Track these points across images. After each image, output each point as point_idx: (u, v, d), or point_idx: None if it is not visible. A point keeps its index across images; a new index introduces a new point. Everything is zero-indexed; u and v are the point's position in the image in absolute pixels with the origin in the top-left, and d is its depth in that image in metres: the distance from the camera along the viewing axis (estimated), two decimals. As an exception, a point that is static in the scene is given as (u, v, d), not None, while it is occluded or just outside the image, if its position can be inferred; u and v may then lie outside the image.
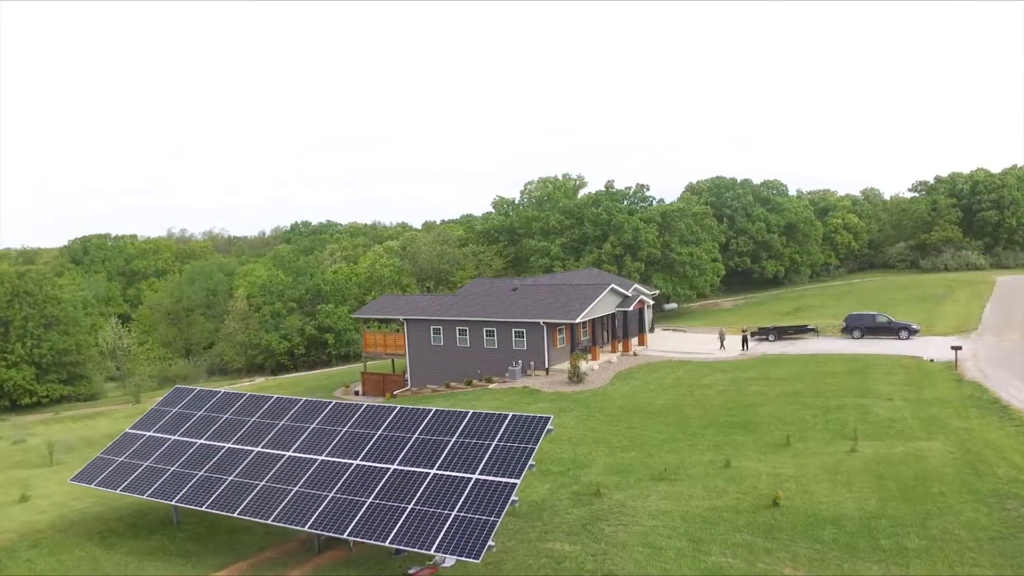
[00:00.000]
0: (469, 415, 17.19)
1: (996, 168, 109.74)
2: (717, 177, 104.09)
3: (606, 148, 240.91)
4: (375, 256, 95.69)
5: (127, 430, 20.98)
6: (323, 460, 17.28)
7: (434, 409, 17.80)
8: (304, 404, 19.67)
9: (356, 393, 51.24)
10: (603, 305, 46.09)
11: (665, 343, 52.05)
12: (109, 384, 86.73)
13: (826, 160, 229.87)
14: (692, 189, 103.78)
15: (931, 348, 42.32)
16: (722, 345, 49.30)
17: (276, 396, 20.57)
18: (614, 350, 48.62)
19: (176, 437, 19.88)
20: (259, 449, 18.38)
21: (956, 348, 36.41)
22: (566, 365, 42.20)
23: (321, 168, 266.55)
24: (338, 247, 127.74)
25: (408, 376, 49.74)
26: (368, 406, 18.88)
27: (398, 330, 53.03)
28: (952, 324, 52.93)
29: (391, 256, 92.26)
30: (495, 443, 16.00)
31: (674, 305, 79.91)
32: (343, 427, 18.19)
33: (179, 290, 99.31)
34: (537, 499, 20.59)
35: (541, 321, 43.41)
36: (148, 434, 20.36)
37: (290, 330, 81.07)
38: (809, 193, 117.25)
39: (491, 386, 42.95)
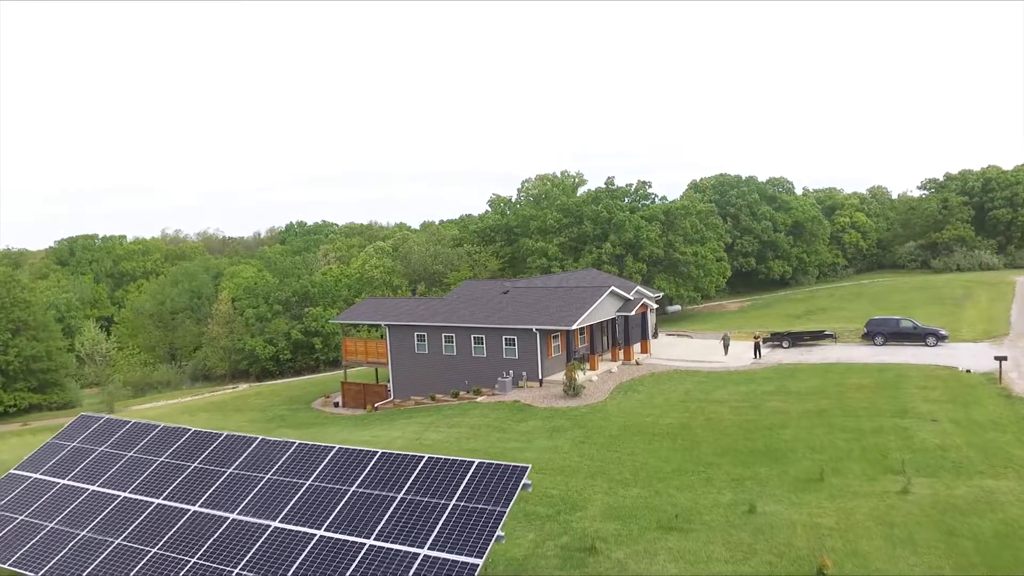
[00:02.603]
0: (423, 461, 13.22)
1: (1008, 165, 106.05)
2: (721, 174, 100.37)
3: (607, 148, 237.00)
4: (366, 257, 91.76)
5: (11, 470, 17.07)
6: (234, 520, 13.32)
7: (380, 452, 13.85)
8: (224, 441, 15.71)
9: (336, 405, 47.38)
10: (602, 309, 42.10)
11: (670, 350, 48.02)
12: (91, 390, 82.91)
13: (831, 158, 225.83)
14: (695, 187, 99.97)
15: (964, 356, 38.34)
16: (726, 351, 45.41)
17: (193, 430, 16.60)
18: (614, 358, 44.60)
19: (65, 482, 15.94)
20: (160, 501, 14.42)
21: (1001, 359, 32.35)
22: (561, 376, 38.23)
23: (320, 168, 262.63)
24: (332, 247, 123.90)
25: (391, 387, 45.79)
26: (301, 445, 14.92)
27: (383, 336, 49.08)
28: (979, 329, 48.99)
29: (382, 257, 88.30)
30: (453, 503, 12.04)
31: (677, 307, 75.99)
32: (266, 473, 14.24)
33: (162, 292, 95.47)
34: (517, 555, 16.62)
35: (534, 327, 39.42)
36: (34, 476, 16.42)
37: (276, 334, 77.19)
38: (815, 191, 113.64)
39: (479, 399, 38.99)
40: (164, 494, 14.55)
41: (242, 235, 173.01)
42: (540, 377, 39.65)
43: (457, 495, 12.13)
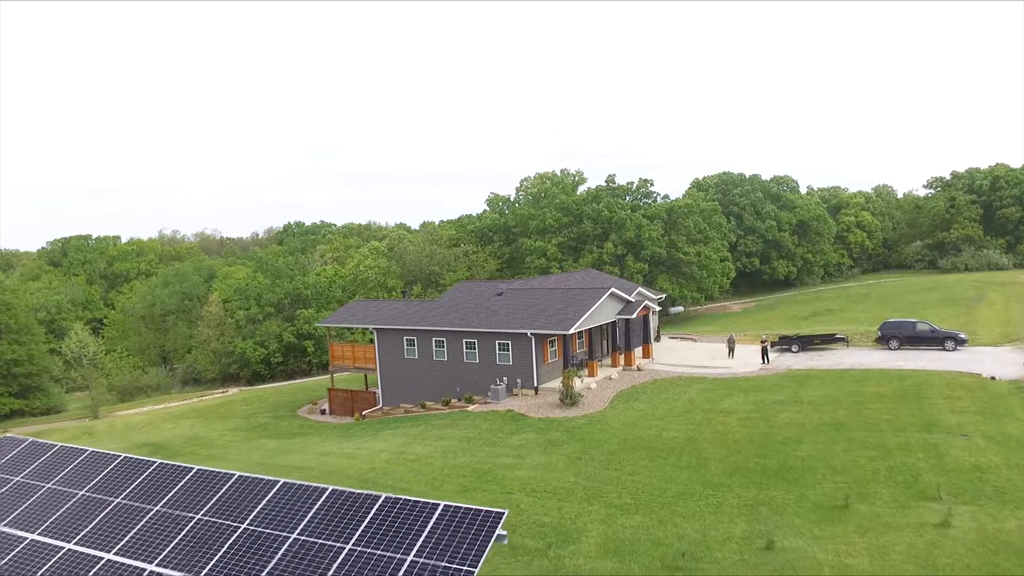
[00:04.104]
0: (380, 502, 10.93)
1: (1017, 163, 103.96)
2: (724, 173, 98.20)
3: (609, 148, 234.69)
4: (360, 257, 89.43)
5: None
6: (152, 572, 11.06)
7: (330, 489, 11.57)
8: (156, 470, 13.42)
9: (322, 412, 45.10)
10: (602, 312, 39.80)
11: (673, 354, 45.71)
12: (78, 394, 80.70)
13: (835, 156, 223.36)
14: (698, 185, 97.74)
15: (986, 362, 36.02)
16: (731, 354, 43.24)
17: (124, 456, 14.33)
18: (615, 364, 42.27)
19: (-31, 519, 13.66)
20: (70, 546, 12.14)
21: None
22: (558, 383, 35.94)
23: (320, 169, 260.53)
24: (329, 248, 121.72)
25: (379, 393, 43.54)
26: (241, 478, 12.63)
27: (372, 340, 46.84)
28: (997, 332, 46.72)
29: (377, 257, 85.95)
30: (411, 558, 9.76)
31: (680, 308, 73.67)
32: (197, 513, 11.97)
33: (152, 294, 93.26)
34: (500, 601, 14.37)
35: (529, 332, 37.10)
36: (-63, 512, 14.12)
37: (267, 337, 75.07)
38: (819, 190, 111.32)
39: (471, 407, 36.73)
40: (78, 537, 12.27)
41: (240, 236, 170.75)
42: (535, 384, 37.35)
43: (416, 548, 9.86)
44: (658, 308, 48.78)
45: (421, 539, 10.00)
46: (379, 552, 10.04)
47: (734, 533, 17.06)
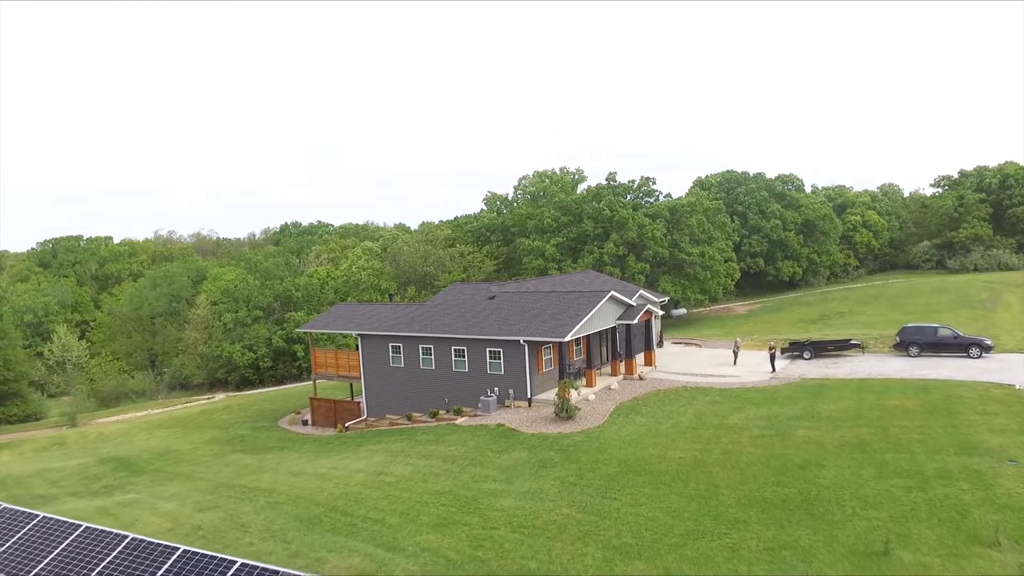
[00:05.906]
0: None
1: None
2: (728, 171, 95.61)
3: (610, 148, 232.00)
4: (353, 258, 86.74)
5: None
6: None
7: (239, 562, 8.89)
8: (38, 526, 10.72)
9: (305, 423, 42.45)
10: (601, 317, 37.06)
11: (677, 361, 42.98)
12: (64, 399, 78.10)
13: (839, 155, 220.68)
14: (701, 184, 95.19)
15: (1017, 371, 33.30)
16: (735, 360, 40.67)
17: (3, 506, 11.62)
18: (615, 372, 39.49)
19: None
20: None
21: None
22: (553, 394, 33.21)
23: (320, 170, 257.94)
24: (324, 248, 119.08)
25: (364, 404, 40.87)
26: (134, 541, 9.93)
27: (358, 347, 44.16)
28: (1019, 336, 44.12)
29: (371, 258, 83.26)
30: None
31: (683, 311, 70.98)
32: (70, 592, 9.29)
33: (139, 296, 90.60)
34: None
35: (522, 339, 34.34)
36: None
37: (255, 341, 72.53)
38: (824, 189, 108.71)
39: (459, 420, 34.02)
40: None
41: (238, 236, 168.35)
42: (529, 396, 34.60)
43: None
44: (660, 312, 46.07)
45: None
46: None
47: (755, 589, 14.36)
